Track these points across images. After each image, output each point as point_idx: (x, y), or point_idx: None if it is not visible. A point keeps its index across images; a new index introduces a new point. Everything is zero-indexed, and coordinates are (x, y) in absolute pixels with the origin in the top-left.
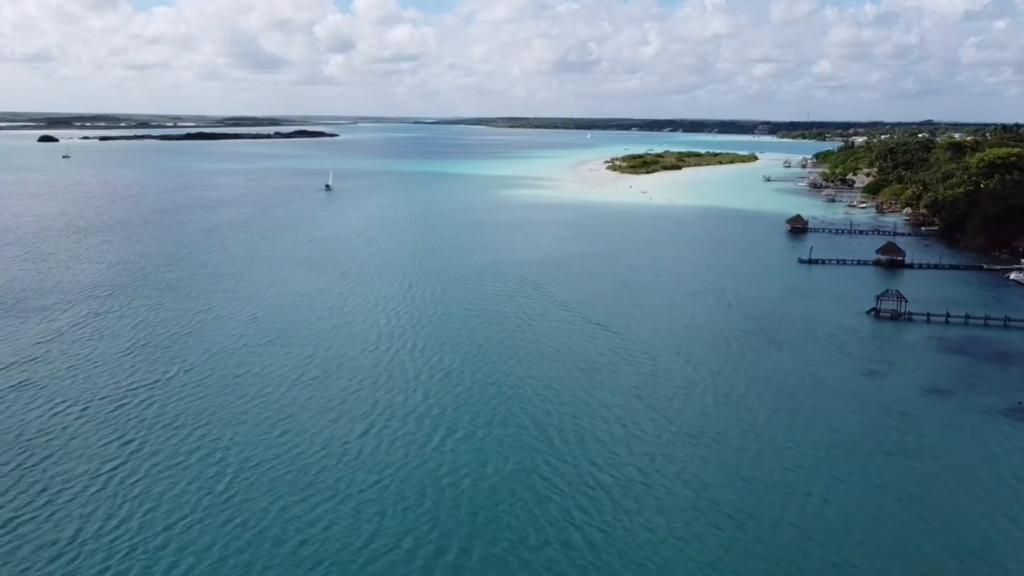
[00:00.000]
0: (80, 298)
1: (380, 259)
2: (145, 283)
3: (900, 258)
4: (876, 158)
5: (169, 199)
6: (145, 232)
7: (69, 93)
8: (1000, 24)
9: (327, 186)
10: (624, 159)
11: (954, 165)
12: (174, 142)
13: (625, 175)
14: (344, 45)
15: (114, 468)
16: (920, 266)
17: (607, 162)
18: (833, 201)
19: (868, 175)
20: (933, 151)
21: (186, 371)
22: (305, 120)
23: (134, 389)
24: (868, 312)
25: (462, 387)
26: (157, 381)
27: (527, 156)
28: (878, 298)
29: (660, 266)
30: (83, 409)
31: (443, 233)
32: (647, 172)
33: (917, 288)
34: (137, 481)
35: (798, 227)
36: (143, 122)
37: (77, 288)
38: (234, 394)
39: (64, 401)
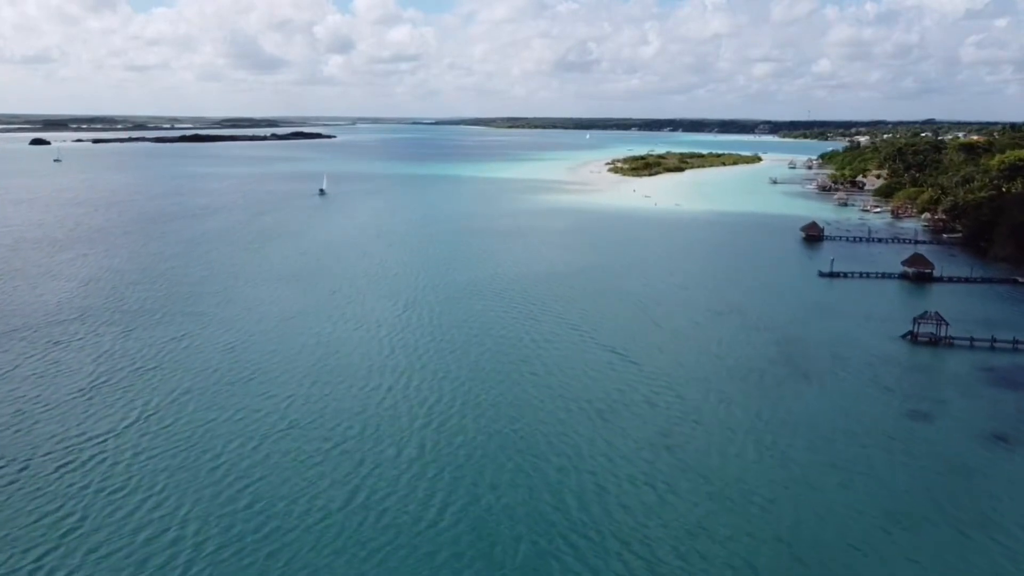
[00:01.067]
0: (42, 323)
1: (374, 274)
2: (115, 305)
3: (928, 271)
4: (885, 159)
5: (155, 206)
6: (125, 244)
7: (69, 95)
8: (1001, 23)
9: (321, 190)
10: (625, 161)
11: (972, 167)
12: (168, 144)
13: (627, 178)
14: (344, 45)
15: (43, 558)
16: (950, 279)
17: (608, 164)
18: (845, 205)
19: (879, 177)
20: (945, 152)
21: (146, 417)
22: (304, 121)
23: (84, 442)
24: (904, 336)
25: (462, 437)
26: (111, 432)
27: (526, 158)
28: (916, 320)
29: (674, 280)
30: (21, 469)
31: (441, 243)
32: (650, 174)
33: (952, 306)
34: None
35: (813, 235)
36: (140, 124)
37: (40, 311)
38: (197, 450)
39: (1, 458)
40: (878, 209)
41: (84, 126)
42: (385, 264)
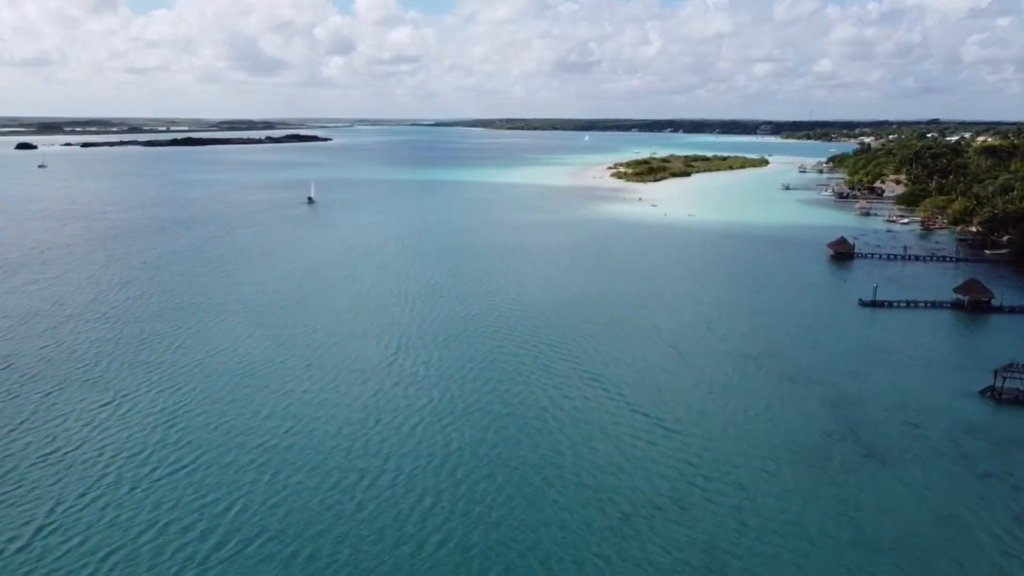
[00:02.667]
0: None
1: (360, 306)
2: (47, 352)
3: (986, 299)
4: (901, 163)
5: (128, 219)
6: (82, 267)
7: (68, 97)
8: (1004, 22)
9: (309, 199)
10: (629, 165)
11: (1009, 175)
12: (159, 148)
13: (632, 183)
14: (344, 47)
15: None
16: (1011, 310)
17: (610, 168)
18: (868, 215)
19: (898, 183)
20: (965, 155)
21: (21, 548)
22: (302, 123)
23: None
24: (984, 392)
25: (457, 568)
26: None
27: (524, 162)
28: (998, 373)
29: (701, 312)
30: None
31: (437, 263)
32: (654, 180)
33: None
34: None
35: (842, 251)
36: (135, 126)
37: None
38: None
39: None
40: (905, 220)
41: (78, 129)
42: (374, 292)
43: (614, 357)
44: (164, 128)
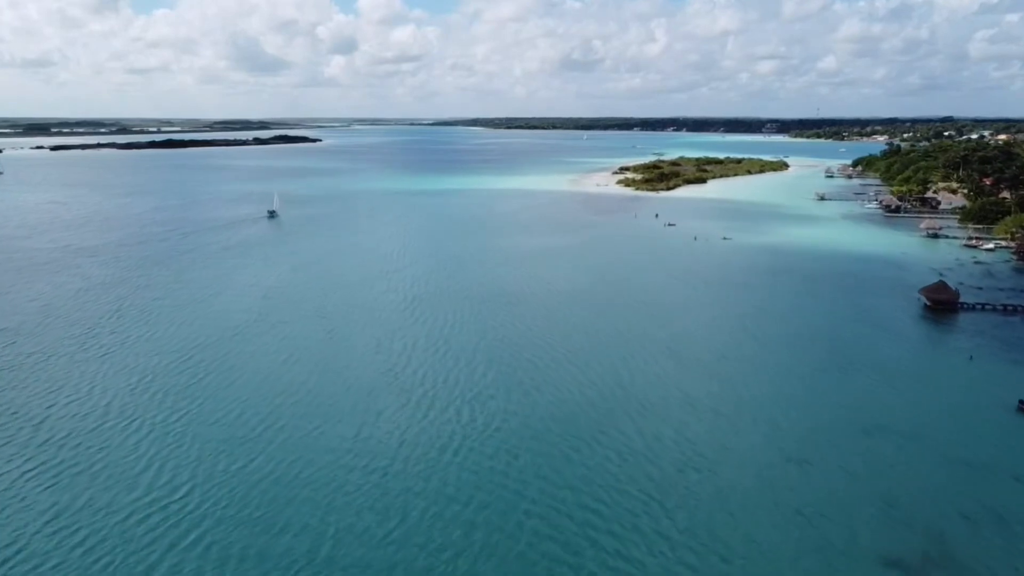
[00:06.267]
0: None
1: (283, 424)
2: None
3: None
4: (947, 167)
5: (33, 249)
6: None
7: (68, 99)
8: (1013, 17)
9: (270, 212)
10: (636, 170)
11: None
12: (137, 151)
13: (641, 192)
14: (346, 46)
15: None
16: None
17: (616, 173)
18: (936, 236)
19: (953, 192)
20: (1021, 158)
21: None
22: (300, 123)
23: None
24: None
25: None
26: None
27: (523, 165)
28: None
29: (813, 435)
30: None
31: (411, 328)
32: (667, 188)
33: None
34: None
35: (942, 301)
36: (124, 127)
37: None
38: None
39: None
40: (989, 245)
41: (66, 130)
42: (310, 386)
43: (701, 546)
44: (155, 129)
